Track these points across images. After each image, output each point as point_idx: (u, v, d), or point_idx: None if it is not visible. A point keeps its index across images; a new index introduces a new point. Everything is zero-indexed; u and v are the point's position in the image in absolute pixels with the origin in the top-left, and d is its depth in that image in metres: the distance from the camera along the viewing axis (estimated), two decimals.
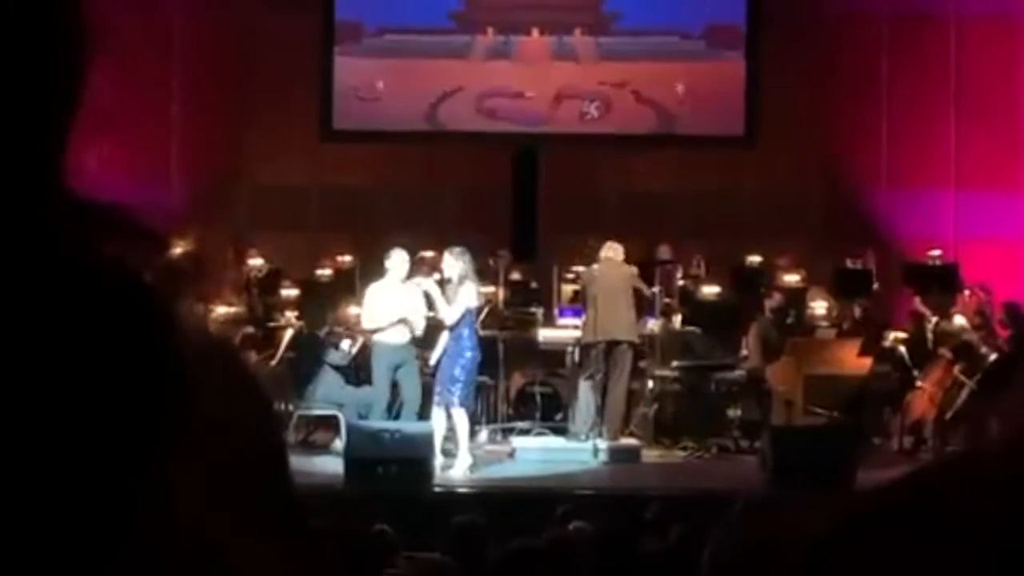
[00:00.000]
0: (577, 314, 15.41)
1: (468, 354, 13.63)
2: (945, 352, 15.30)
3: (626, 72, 20.72)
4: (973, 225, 19.05)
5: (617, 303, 14.59)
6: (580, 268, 15.57)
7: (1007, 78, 19.42)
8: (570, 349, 15.28)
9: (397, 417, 14.04)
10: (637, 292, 14.95)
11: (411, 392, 14.08)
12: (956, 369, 15.06)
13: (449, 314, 13.62)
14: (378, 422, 13.71)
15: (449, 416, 13.63)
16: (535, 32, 20.91)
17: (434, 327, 14.11)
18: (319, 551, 1.13)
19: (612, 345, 14.62)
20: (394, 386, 14.21)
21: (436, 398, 13.65)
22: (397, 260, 14.25)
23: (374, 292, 14.30)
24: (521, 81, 20.78)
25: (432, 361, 14.08)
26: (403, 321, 14.02)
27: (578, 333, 15.04)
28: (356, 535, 7.58)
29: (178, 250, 16.92)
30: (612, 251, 15.05)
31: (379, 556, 7.48)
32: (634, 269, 15.18)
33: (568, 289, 16.62)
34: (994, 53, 19.36)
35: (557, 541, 7.54)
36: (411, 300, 14.07)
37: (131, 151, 17.67)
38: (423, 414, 13.90)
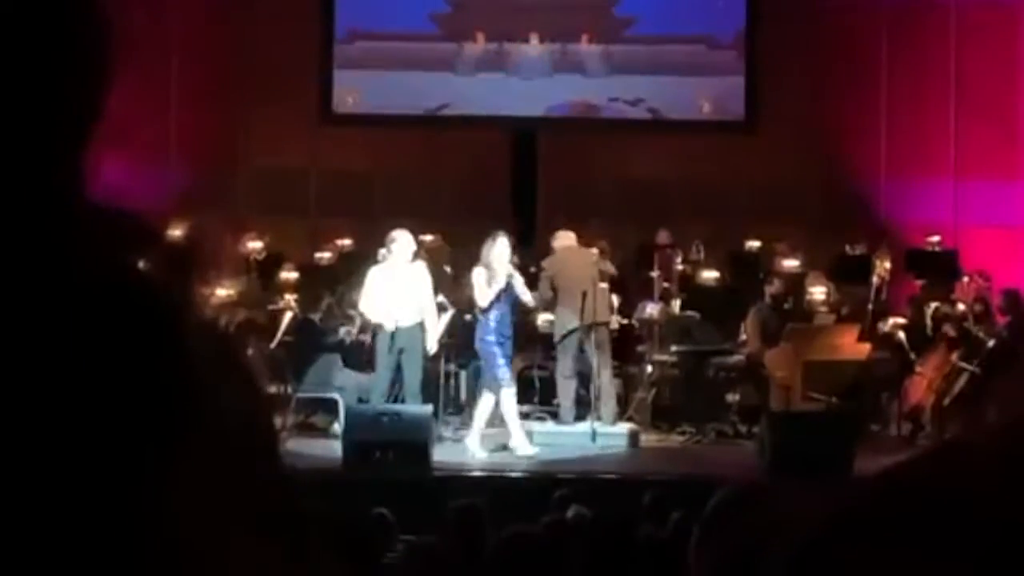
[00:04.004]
0: None
1: (491, 337, 13.63)
2: (944, 338, 15.31)
3: (641, 87, 19.22)
4: (972, 212, 19.06)
5: (593, 287, 14.49)
6: (545, 260, 15.35)
7: (1006, 66, 19.41)
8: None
9: (399, 401, 14.02)
10: (603, 273, 14.90)
11: (413, 376, 14.01)
12: (955, 355, 15.07)
13: (484, 297, 13.60)
14: (377, 406, 13.69)
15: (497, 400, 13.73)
16: (534, 39, 19.21)
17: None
18: (318, 544, 1.14)
19: (592, 329, 14.49)
20: (396, 370, 14.17)
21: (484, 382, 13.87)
22: (403, 242, 14.15)
23: (375, 275, 14.20)
24: (517, 97, 19.10)
25: (431, 347, 14.07)
26: (408, 303, 13.97)
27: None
28: (355, 519, 7.59)
29: (177, 233, 16.93)
30: (568, 239, 14.98)
31: (378, 540, 7.49)
32: (594, 251, 15.16)
33: None
34: (993, 41, 19.35)
35: (555, 526, 7.56)
36: (417, 282, 14.01)
37: (130, 135, 17.66)
38: (425, 398, 13.92)
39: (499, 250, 13.69)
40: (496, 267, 13.62)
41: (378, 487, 10.83)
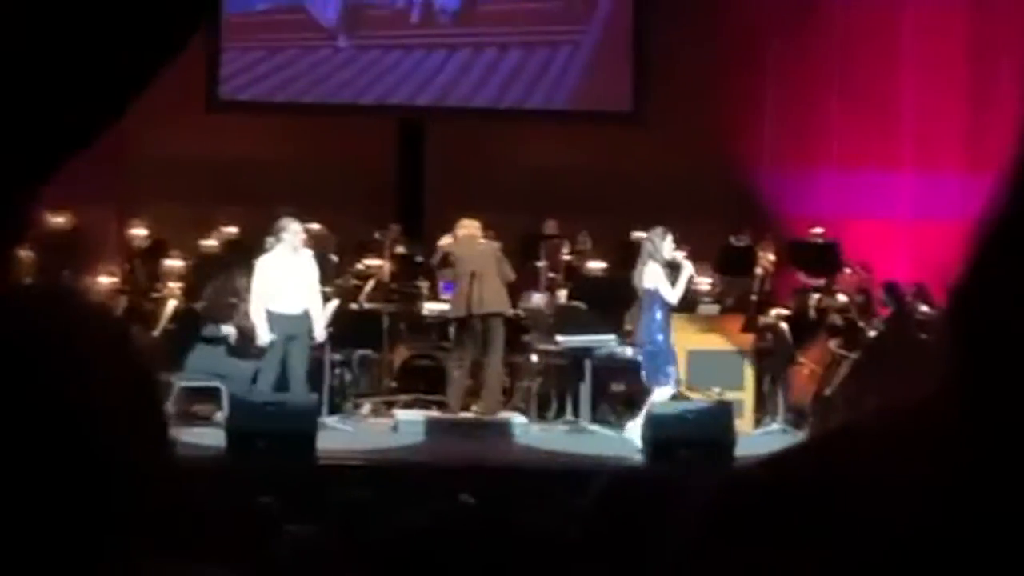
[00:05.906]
0: None
1: (661, 334, 13.74)
2: (825, 329, 15.47)
3: (530, 79, 19.70)
4: (854, 204, 19.24)
5: (487, 276, 14.54)
6: (443, 243, 15.41)
7: (887, 62, 19.62)
8: (453, 322, 15.27)
9: (285, 390, 13.98)
10: (500, 269, 14.91)
11: (299, 365, 13.99)
12: (836, 346, 15.24)
13: (675, 294, 13.92)
14: (261, 395, 13.63)
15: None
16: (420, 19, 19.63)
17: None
18: (208, 532, 1.15)
19: (485, 318, 14.57)
20: (284, 358, 14.11)
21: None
22: (292, 230, 14.14)
23: (265, 264, 14.16)
24: (402, 81, 19.56)
25: (318, 335, 14.05)
26: (296, 292, 13.94)
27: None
28: (238, 508, 7.54)
29: (61, 221, 16.77)
30: (471, 228, 15.00)
31: (262, 529, 7.45)
32: (497, 245, 15.14)
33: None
34: (875, 38, 19.55)
35: (440, 515, 7.55)
36: (305, 271, 14.00)
37: None
38: (309, 387, 13.90)
39: (669, 243, 13.82)
40: (673, 261, 13.79)
41: (262, 476, 10.76)
